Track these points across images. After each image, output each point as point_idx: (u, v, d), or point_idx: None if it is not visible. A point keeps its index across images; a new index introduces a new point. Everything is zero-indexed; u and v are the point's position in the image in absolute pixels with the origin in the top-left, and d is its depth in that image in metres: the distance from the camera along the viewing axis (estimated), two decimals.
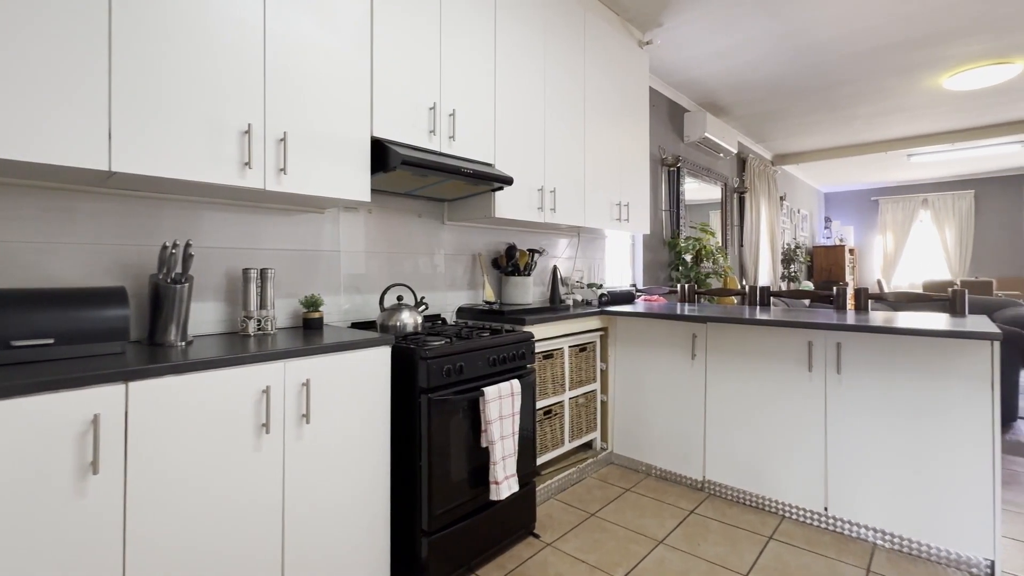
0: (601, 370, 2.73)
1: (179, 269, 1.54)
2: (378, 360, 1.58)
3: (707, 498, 2.31)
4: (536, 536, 1.96)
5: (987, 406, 1.73)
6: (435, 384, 1.64)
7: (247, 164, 1.44)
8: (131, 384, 1.10)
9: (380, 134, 1.78)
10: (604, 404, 2.73)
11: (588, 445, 2.72)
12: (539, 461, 2.29)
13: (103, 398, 1.06)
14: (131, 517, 1.09)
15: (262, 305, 1.65)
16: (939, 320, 1.97)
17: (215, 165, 1.39)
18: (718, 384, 2.35)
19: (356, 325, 2.02)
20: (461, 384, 1.73)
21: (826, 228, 9.09)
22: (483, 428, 1.73)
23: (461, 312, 2.46)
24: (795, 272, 7.47)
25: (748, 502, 2.25)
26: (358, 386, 1.52)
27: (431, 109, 1.96)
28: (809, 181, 8.63)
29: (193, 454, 1.18)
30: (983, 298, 4.89)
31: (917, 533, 1.85)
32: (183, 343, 1.41)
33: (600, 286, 3.09)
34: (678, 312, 2.47)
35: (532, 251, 2.74)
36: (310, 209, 1.94)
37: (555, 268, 2.86)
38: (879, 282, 8.43)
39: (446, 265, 2.47)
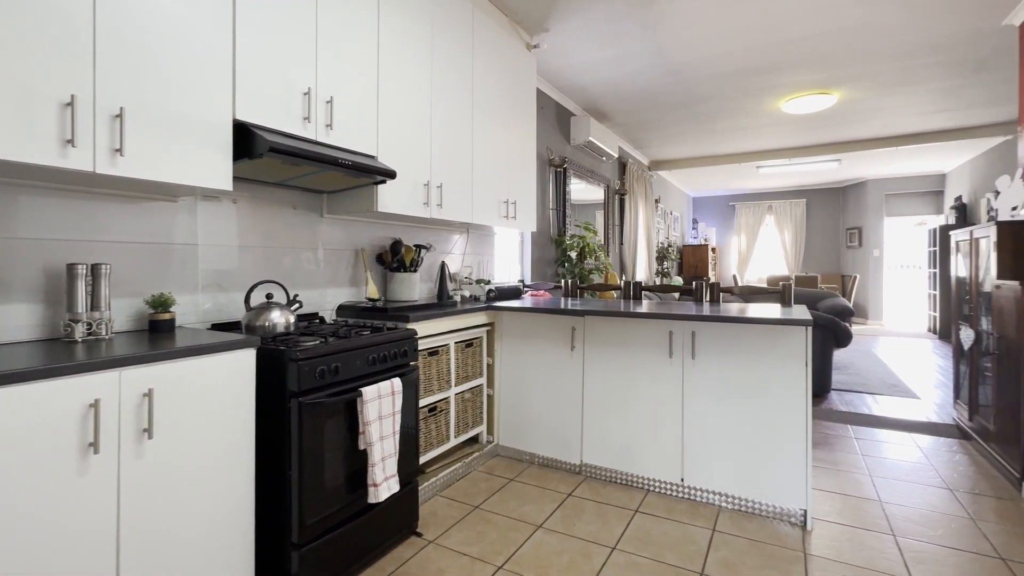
0: (488, 365, 2.79)
1: None
2: (241, 364, 1.45)
3: (584, 481, 2.47)
4: (419, 535, 1.96)
5: (802, 380, 2.07)
6: (307, 387, 1.56)
7: (70, 142, 1.24)
8: None
9: (245, 117, 1.63)
10: (491, 398, 2.79)
11: (475, 439, 2.76)
12: (424, 458, 2.28)
13: None
14: None
15: (94, 306, 1.43)
16: (772, 310, 2.31)
17: (27, 141, 1.17)
18: (594, 373, 2.52)
19: (218, 327, 1.84)
20: (337, 385, 1.66)
21: (694, 229, 10.15)
22: (361, 430, 1.68)
23: (342, 310, 2.36)
24: (667, 268, 8.23)
25: (620, 480, 2.45)
26: (216, 394, 1.39)
27: (305, 95, 1.84)
28: (680, 186, 9.55)
29: None
30: (810, 291, 5.79)
31: (751, 493, 2.15)
32: None
33: (488, 282, 3.14)
34: (560, 307, 2.59)
35: (419, 247, 2.70)
36: (160, 197, 1.72)
37: (443, 264, 2.86)
38: (735, 277, 9.61)
39: (326, 261, 2.35)
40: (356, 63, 2.05)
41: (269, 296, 1.87)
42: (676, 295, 5.42)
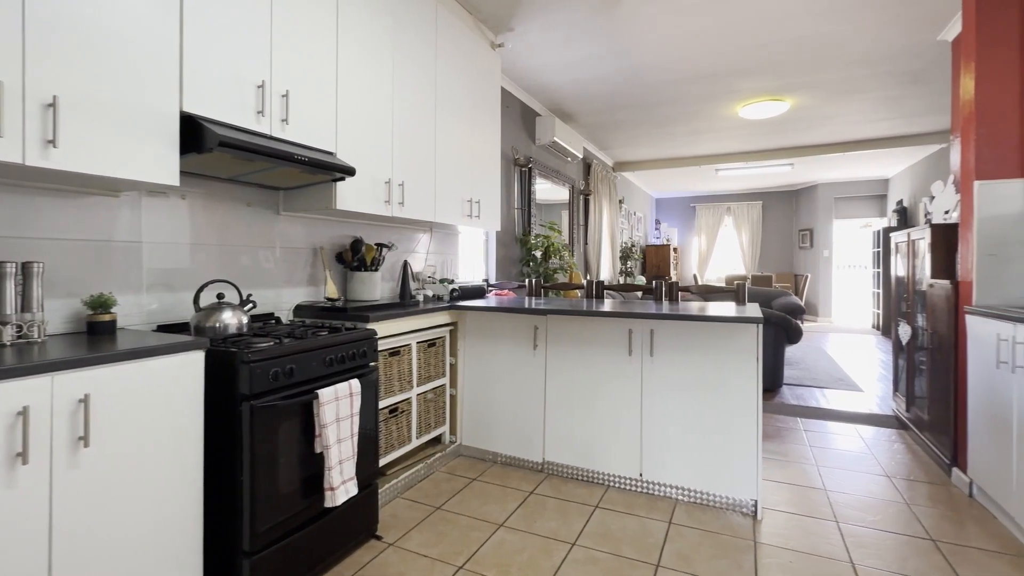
0: (451, 364, 2.77)
1: None
2: (188, 367, 1.39)
3: (546, 478, 2.49)
4: (378, 538, 1.93)
5: (753, 376, 2.15)
6: (260, 389, 1.51)
7: None
8: None
9: (193, 109, 1.56)
10: (453, 398, 2.78)
11: (437, 440, 2.74)
12: (385, 460, 2.25)
13: None
14: None
15: (24, 307, 1.34)
16: (727, 308, 2.39)
17: None
18: (556, 371, 2.55)
19: (165, 328, 1.76)
20: (292, 388, 1.62)
21: (656, 229, 10.38)
22: (317, 432, 1.64)
23: (299, 310, 2.30)
24: (631, 268, 8.40)
25: (581, 477, 2.48)
26: (161, 398, 1.33)
27: (259, 88, 1.78)
28: (643, 187, 9.75)
29: None
30: (764, 289, 6.03)
31: (706, 486, 2.23)
32: None
33: (452, 281, 3.12)
34: (523, 306, 2.61)
35: (381, 245, 2.66)
36: (99, 191, 1.63)
37: (406, 263, 2.82)
38: (695, 276, 9.89)
39: (282, 259, 2.28)
40: (314, 57, 2.00)
41: (220, 296, 1.80)
42: (639, 294, 5.54)
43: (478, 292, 3.31)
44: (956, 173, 2.74)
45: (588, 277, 6.59)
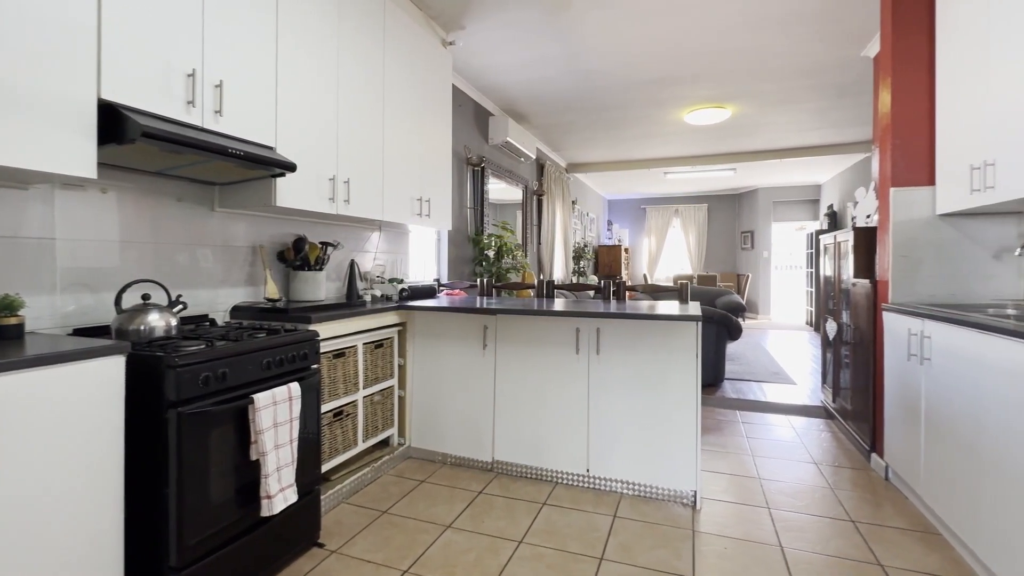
0: (399, 365, 2.73)
1: None
2: (106, 373, 1.30)
3: (496, 477, 2.50)
4: (321, 546, 1.87)
5: (693, 372, 2.24)
6: (189, 395, 1.43)
7: None
8: None
9: (113, 97, 1.46)
10: (402, 399, 2.74)
11: (386, 442, 2.69)
12: (329, 465, 2.19)
13: None
14: None
15: None
16: (670, 307, 2.47)
17: None
18: (506, 371, 2.56)
19: (82, 332, 1.64)
20: (225, 393, 1.54)
21: (608, 230, 10.62)
22: (253, 439, 1.58)
23: (237, 312, 2.19)
24: (584, 268, 8.55)
25: (530, 475, 2.51)
26: (75, 407, 1.23)
27: (190, 76, 1.69)
28: (596, 188, 9.95)
29: None
30: (709, 288, 6.28)
31: (649, 479, 2.30)
32: None
33: (402, 281, 3.07)
34: (475, 306, 2.60)
35: (326, 244, 2.59)
36: (5, 183, 1.49)
37: (353, 263, 2.75)
38: (645, 276, 10.19)
39: (218, 258, 2.17)
40: (251, 47, 1.91)
41: (146, 297, 1.69)
42: (592, 293, 5.65)
43: (429, 292, 3.27)
44: (876, 180, 2.95)
45: (541, 277, 6.66)
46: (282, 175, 2.05)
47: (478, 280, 3.61)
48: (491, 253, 4.72)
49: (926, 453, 2.09)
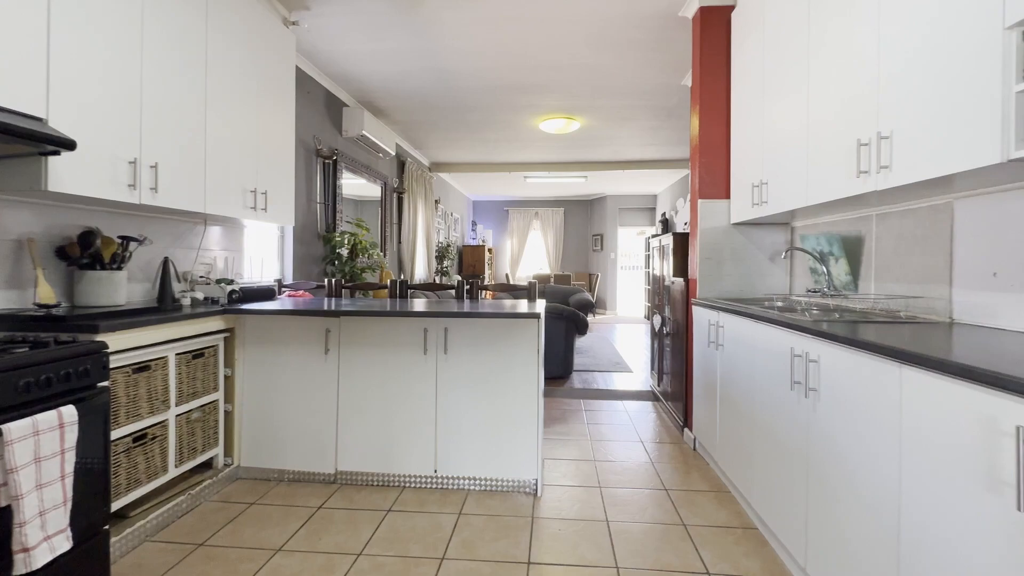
0: (226, 376, 2.44)
1: None
2: None
3: (339, 489, 2.37)
4: None
5: (534, 366, 2.36)
6: None
7: None
8: None
9: None
10: (229, 414, 2.45)
11: (208, 464, 2.38)
12: (128, 499, 1.86)
13: None
14: None
15: None
16: (519, 305, 2.57)
17: None
18: (351, 376, 2.44)
19: None
20: None
21: (473, 230, 10.78)
22: (2, 481, 1.27)
23: None
24: (447, 267, 8.56)
25: (377, 483, 2.42)
26: None
27: None
28: (460, 189, 10.03)
29: None
30: (564, 287, 6.71)
31: (495, 472, 2.37)
32: None
33: (232, 281, 2.75)
34: (321, 308, 2.42)
35: (127, 239, 2.20)
36: None
37: (166, 261, 2.38)
38: (507, 275, 10.55)
39: None
40: None
41: None
42: (453, 292, 5.67)
43: (267, 294, 2.98)
44: (691, 192, 3.42)
45: (401, 276, 6.51)
46: (56, 153, 1.69)
47: (327, 280, 3.38)
48: (344, 251, 4.47)
49: (720, 424, 2.48)
